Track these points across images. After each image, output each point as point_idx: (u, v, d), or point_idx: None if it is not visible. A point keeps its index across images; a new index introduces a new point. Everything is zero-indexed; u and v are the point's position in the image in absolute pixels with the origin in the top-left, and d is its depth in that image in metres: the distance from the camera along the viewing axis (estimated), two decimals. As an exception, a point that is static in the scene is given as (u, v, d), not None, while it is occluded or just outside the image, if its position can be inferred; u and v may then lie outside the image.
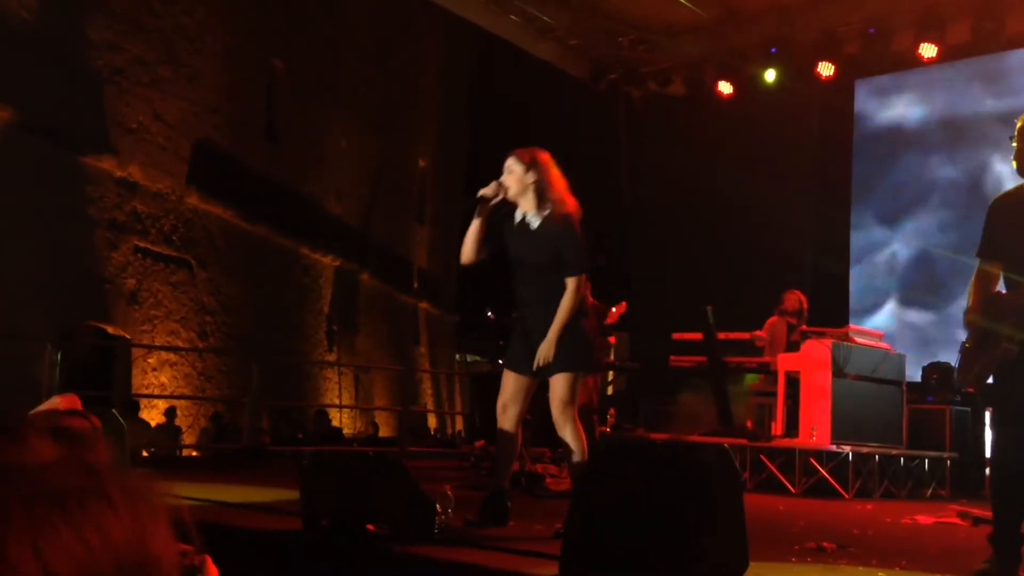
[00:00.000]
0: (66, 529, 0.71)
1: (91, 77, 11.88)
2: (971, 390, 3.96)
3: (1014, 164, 3.78)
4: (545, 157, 4.37)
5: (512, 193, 4.32)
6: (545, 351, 4.23)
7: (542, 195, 4.30)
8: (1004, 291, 3.81)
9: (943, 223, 11.07)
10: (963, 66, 10.95)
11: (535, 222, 4.32)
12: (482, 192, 4.34)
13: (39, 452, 0.80)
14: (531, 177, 4.30)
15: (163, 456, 10.44)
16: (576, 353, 4.29)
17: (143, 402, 12.08)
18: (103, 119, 12.07)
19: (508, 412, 4.44)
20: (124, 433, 5.38)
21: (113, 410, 5.35)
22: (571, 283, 4.25)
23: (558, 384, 4.30)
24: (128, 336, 11.90)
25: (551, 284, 4.28)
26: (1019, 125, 3.73)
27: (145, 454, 10.28)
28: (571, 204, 4.33)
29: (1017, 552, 3.68)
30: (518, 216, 4.39)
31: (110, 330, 11.57)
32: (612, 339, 8.25)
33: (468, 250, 4.38)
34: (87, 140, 11.86)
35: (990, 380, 3.83)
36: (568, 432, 4.30)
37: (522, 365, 4.36)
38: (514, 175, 4.32)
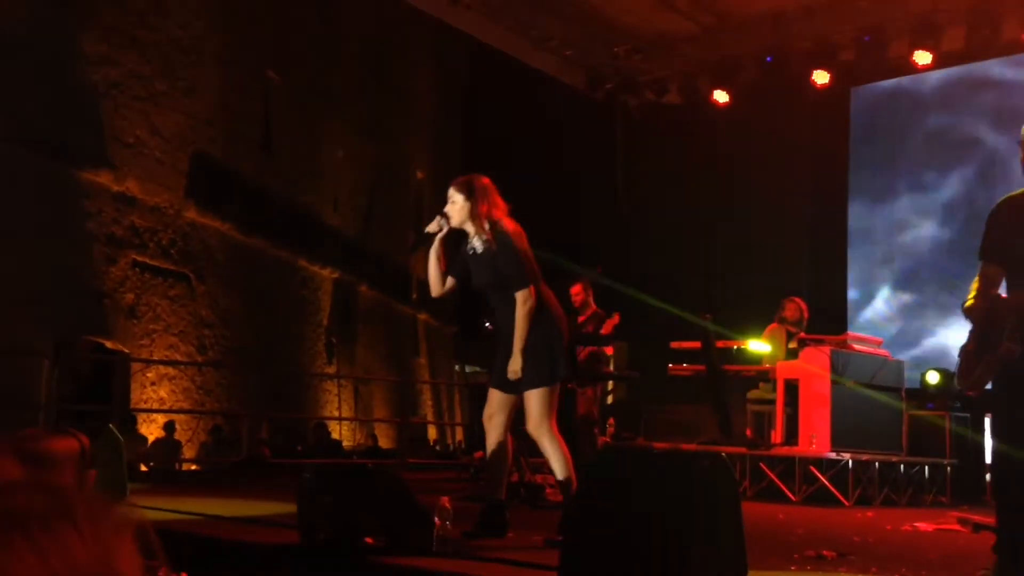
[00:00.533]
0: (29, 551, 0.70)
1: (87, 91, 11.90)
2: (971, 393, 3.93)
3: (1022, 168, 3.80)
4: (484, 182, 4.53)
5: (455, 222, 4.47)
6: (512, 369, 4.34)
7: (478, 220, 4.44)
8: (1004, 294, 3.82)
9: (942, 230, 11.09)
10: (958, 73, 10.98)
11: (479, 247, 4.47)
12: (427, 228, 4.54)
13: (3, 473, 0.80)
14: (469, 205, 4.45)
15: (162, 470, 10.42)
16: (539, 368, 4.36)
17: (142, 416, 12.06)
18: (100, 133, 12.08)
19: (494, 420, 4.54)
20: (122, 448, 5.38)
21: (111, 425, 5.35)
22: (518, 298, 4.36)
23: (528, 401, 4.41)
24: (127, 350, 11.90)
25: (508, 302, 4.41)
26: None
27: (144, 468, 10.27)
28: (509, 223, 4.46)
29: (1020, 561, 3.67)
30: (470, 243, 4.54)
31: (109, 345, 11.58)
32: (610, 349, 8.23)
33: (433, 284, 4.61)
34: (84, 154, 11.87)
35: (989, 385, 3.83)
36: (546, 445, 4.41)
37: (502, 382, 4.49)
38: (456, 205, 4.47)
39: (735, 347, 8.97)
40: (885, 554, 4.59)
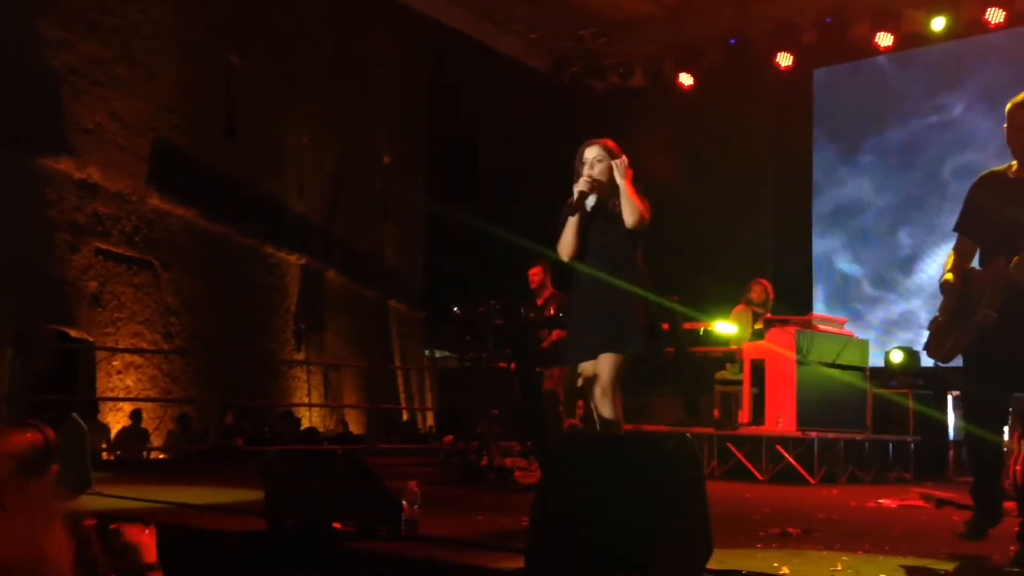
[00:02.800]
0: None
1: (46, 77, 11.71)
2: (942, 363, 3.97)
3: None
4: (617, 147, 4.50)
5: (601, 183, 4.40)
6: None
7: (618, 190, 4.37)
8: (979, 267, 3.88)
9: (902, 210, 11.20)
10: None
11: (613, 205, 4.38)
12: (580, 188, 4.38)
13: None
14: (615, 166, 4.38)
15: (129, 459, 10.34)
16: (630, 335, 4.24)
17: (108, 405, 11.95)
18: (60, 120, 11.90)
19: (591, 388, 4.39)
20: (86, 437, 5.33)
21: (74, 414, 5.29)
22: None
23: (603, 363, 4.25)
24: (91, 339, 11.76)
25: (609, 266, 4.33)
26: (1008, 108, 3.77)
27: (107, 457, 10.18)
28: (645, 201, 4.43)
29: (997, 509, 3.85)
30: (591, 203, 4.43)
31: (72, 334, 11.44)
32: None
33: (570, 246, 4.40)
34: (44, 141, 11.69)
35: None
36: (605, 411, 4.27)
37: (588, 352, 4.33)
38: (604, 166, 4.40)
39: (702, 329, 9.04)
40: (850, 531, 4.65)
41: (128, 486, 5.65)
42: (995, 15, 9.74)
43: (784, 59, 11.05)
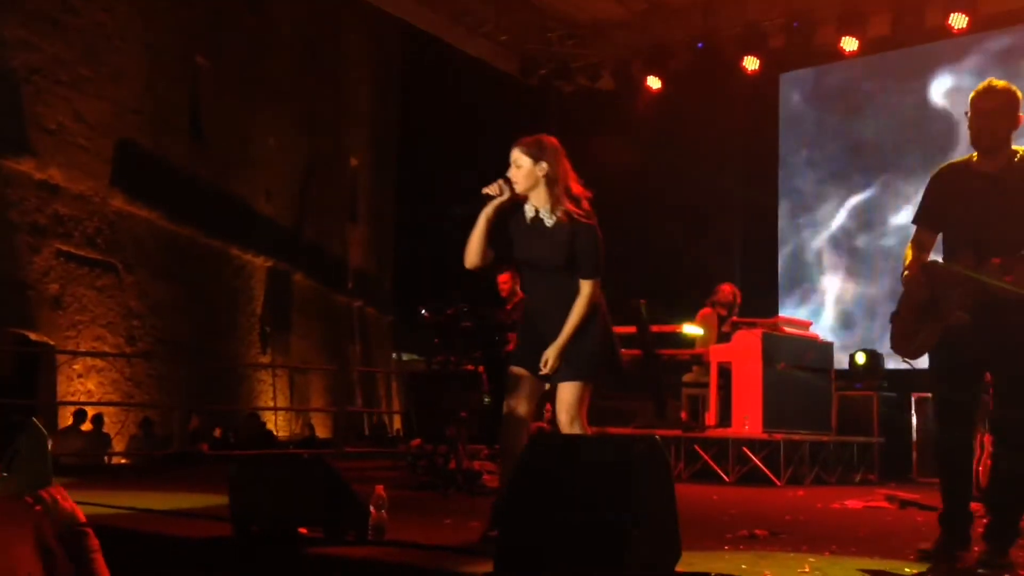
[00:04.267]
0: None
1: (7, 77, 11.54)
2: (909, 360, 3.85)
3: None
4: (554, 144, 4.00)
5: (521, 188, 3.95)
6: (553, 356, 3.89)
7: (554, 190, 3.95)
8: (939, 260, 3.81)
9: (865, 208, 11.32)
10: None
11: (549, 220, 3.96)
12: (486, 190, 3.96)
13: None
14: (542, 170, 3.93)
15: (90, 464, 10.19)
16: (587, 360, 3.94)
17: (69, 409, 11.78)
18: (21, 120, 11.72)
19: (523, 406, 4.04)
20: (46, 442, 5.23)
21: (35, 419, 5.19)
22: (586, 287, 3.92)
23: (565, 392, 3.94)
24: (52, 342, 11.58)
25: (563, 286, 3.94)
26: (977, 101, 3.73)
27: (70, 462, 10.02)
28: (584, 196, 4.03)
29: (965, 533, 3.71)
30: (528, 212, 4.01)
31: (33, 337, 11.26)
32: None
33: (473, 254, 4.00)
34: (4, 142, 11.51)
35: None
36: None
37: (531, 364, 4.01)
38: (522, 169, 3.94)
39: (669, 331, 9.06)
40: (816, 532, 4.68)
41: (89, 491, 5.56)
42: (958, 20, 9.86)
43: (751, 63, 11.13)
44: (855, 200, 11.47)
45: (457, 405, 7.26)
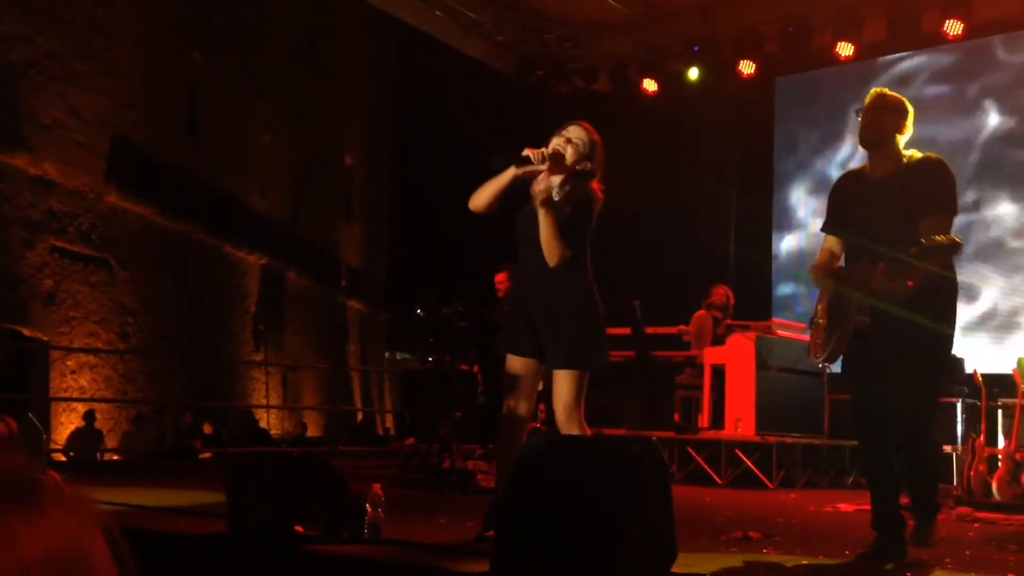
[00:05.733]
0: (5, 536, 0.69)
1: (2, 71, 11.51)
2: (826, 364, 3.99)
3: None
4: (602, 149, 4.02)
5: (564, 166, 3.87)
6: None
7: (582, 183, 3.90)
8: (844, 265, 3.90)
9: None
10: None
11: (556, 194, 3.86)
12: (528, 152, 3.85)
13: None
14: (585, 165, 3.91)
15: (83, 460, 10.17)
16: (586, 349, 3.86)
17: (62, 406, 11.75)
18: (16, 115, 11.70)
19: (517, 410, 3.96)
20: (42, 437, 5.23)
21: (30, 414, 5.20)
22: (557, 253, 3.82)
23: (562, 381, 3.86)
24: (45, 338, 11.56)
25: (563, 265, 3.84)
26: (867, 101, 3.83)
27: (62, 458, 10.01)
28: (601, 196, 4.01)
29: (900, 532, 3.76)
30: (538, 186, 3.89)
31: (26, 332, 11.23)
32: None
33: (482, 201, 3.93)
34: (-1, 136, 11.49)
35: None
36: (573, 430, 3.88)
37: (526, 346, 3.93)
38: (577, 148, 3.90)
39: (663, 333, 9.09)
40: (808, 534, 4.71)
41: (83, 488, 5.56)
42: (953, 27, 9.91)
43: (747, 67, 11.16)
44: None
45: (451, 405, 7.28)
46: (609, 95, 12.34)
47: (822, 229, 4.02)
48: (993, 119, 10.49)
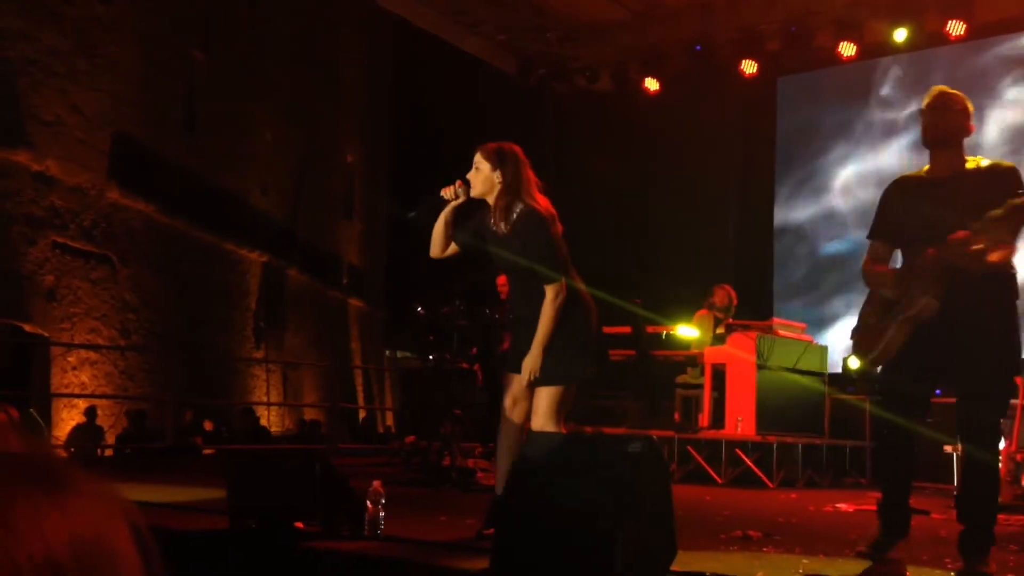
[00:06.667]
0: (31, 520, 0.70)
1: (3, 68, 11.50)
2: (876, 363, 3.78)
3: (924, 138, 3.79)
4: (516, 152, 3.99)
5: (477, 193, 3.95)
6: (530, 366, 3.83)
7: (509, 199, 3.90)
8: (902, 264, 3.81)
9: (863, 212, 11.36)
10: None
11: (503, 227, 3.91)
12: (442, 192, 3.99)
13: (8, 443, 0.79)
14: (498, 176, 3.92)
15: (83, 456, 10.18)
16: (559, 365, 3.86)
17: (63, 402, 11.75)
18: (17, 111, 11.69)
19: (517, 407, 4.00)
20: (43, 433, 5.25)
21: (31, 410, 5.22)
22: (549, 291, 3.82)
23: (539, 397, 3.90)
24: (46, 334, 11.57)
25: (533, 291, 3.88)
26: (928, 100, 3.76)
27: (63, 454, 10.01)
28: (543, 204, 3.95)
29: (904, 527, 3.71)
30: (489, 219, 4.00)
31: (27, 328, 11.25)
32: None
33: (435, 246, 4.10)
34: (1, 133, 11.48)
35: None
36: None
37: (518, 369, 3.97)
38: (481, 173, 3.96)
39: (664, 332, 9.09)
40: (808, 534, 4.71)
41: (107, 480, 5.56)
42: (956, 27, 9.91)
43: (748, 66, 11.16)
44: (852, 203, 11.50)
45: (451, 403, 7.29)
46: (610, 94, 12.34)
47: (870, 236, 3.90)
48: None
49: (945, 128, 3.70)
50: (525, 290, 3.96)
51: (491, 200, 3.96)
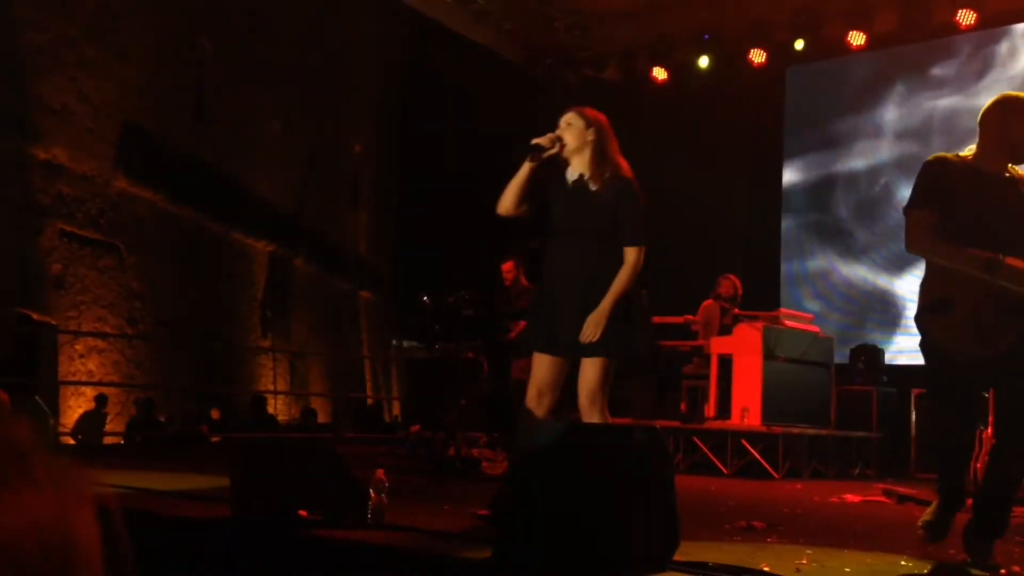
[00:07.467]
0: None
1: (12, 56, 11.51)
2: (986, 355, 3.47)
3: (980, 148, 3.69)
4: (603, 118, 4.06)
5: (569, 149, 3.94)
6: (596, 321, 3.74)
7: (602, 156, 3.94)
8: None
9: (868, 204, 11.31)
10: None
11: (593, 185, 3.92)
12: (536, 140, 3.93)
13: None
14: (592, 135, 3.95)
15: (90, 444, 10.22)
16: (619, 337, 3.81)
17: (71, 390, 11.79)
18: (26, 100, 11.70)
19: (543, 400, 3.94)
20: (48, 420, 5.26)
21: (36, 397, 5.23)
22: (632, 253, 3.84)
23: (589, 368, 3.85)
24: (54, 322, 11.60)
25: (605, 255, 3.86)
26: (1014, 104, 3.68)
27: (71, 441, 10.06)
28: (628, 169, 3.99)
29: (962, 498, 3.71)
30: (571, 176, 3.99)
31: (35, 316, 11.28)
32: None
33: (509, 200, 3.96)
34: (9, 121, 11.49)
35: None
36: (595, 421, 3.87)
37: (554, 345, 3.91)
38: (574, 129, 3.96)
39: (670, 323, 9.07)
40: (813, 525, 4.69)
41: (89, 471, 5.58)
42: (966, 16, 9.84)
43: (757, 56, 11.11)
44: (859, 195, 11.45)
45: (457, 392, 7.29)
46: (618, 84, 12.30)
47: (915, 206, 3.68)
48: None
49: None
50: (587, 252, 3.89)
51: (578, 159, 3.98)
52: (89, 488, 0.77)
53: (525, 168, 3.96)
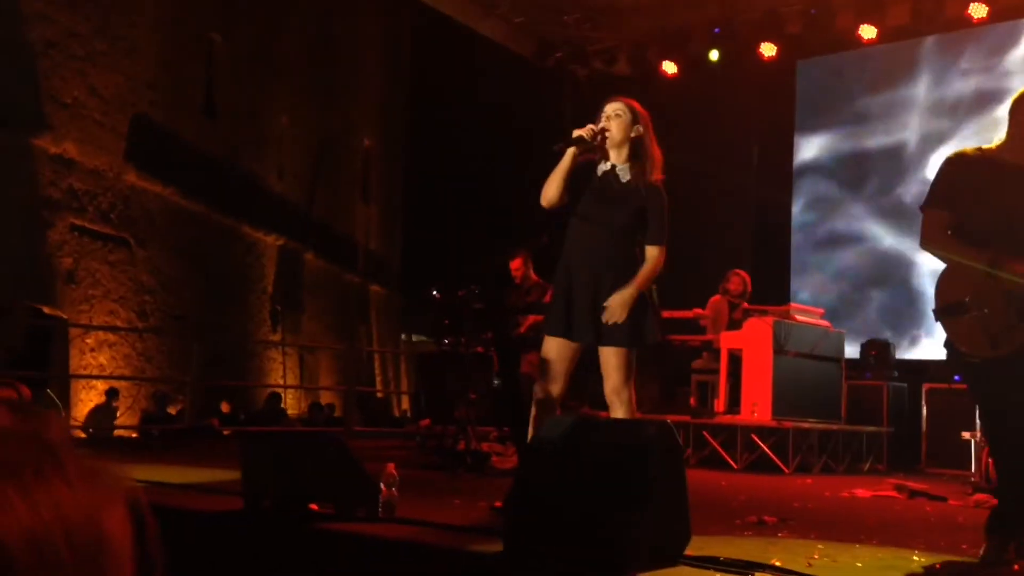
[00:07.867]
0: (19, 499, 0.69)
1: (23, 50, 11.54)
2: (995, 355, 3.41)
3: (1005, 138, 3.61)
4: (647, 113, 4.15)
5: (613, 141, 4.01)
6: (621, 301, 3.83)
7: (645, 152, 4.03)
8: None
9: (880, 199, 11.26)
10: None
11: (624, 177, 4.02)
12: (579, 132, 3.97)
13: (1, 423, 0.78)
14: (636, 131, 4.04)
15: (101, 437, 10.26)
16: (640, 327, 3.90)
17: (82, 383, 11.84)
18: (36, 94, 11.73)
19: (550, 395, 3.99)
20: (60, 414, 5.28)
21: (48, 391, 5.25)
22: (654, 251, 4.00)
23: (612, 358, 3.91)
24: (65, 316, 11.64)
25: (623, 247, 3.96)
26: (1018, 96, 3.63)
27: (82, 435, 10.10)
28: (662, 164, 4.11)
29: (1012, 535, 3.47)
30: (603, 166, 4.06)
31: (46, 310, 11.32)
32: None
33: (553, 192, 3.99)
34: (20, 115, 11.53)
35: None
36: (621, 414, 3.92)
37: (569, 330, 3.95)
38: (621, 121, 4.03)
39: (680, 317, 9.06)
40: (824, 519, 4.69)
41: (110, 462, 5.60)
42: (978, 10, 9.79)
43: (768, 49, 11.06)
44: (870, 189, 11.41)
45: (466, 386, 7.29)
46: (628, 77, 12.27)
47: (929, 205, 3.60)
48: None
49: None
50: (608, 244, 3.97)
51: (616, 152, 4.04)
52: (122, 487, 0.78)
53: (567, 159, 3.98)
